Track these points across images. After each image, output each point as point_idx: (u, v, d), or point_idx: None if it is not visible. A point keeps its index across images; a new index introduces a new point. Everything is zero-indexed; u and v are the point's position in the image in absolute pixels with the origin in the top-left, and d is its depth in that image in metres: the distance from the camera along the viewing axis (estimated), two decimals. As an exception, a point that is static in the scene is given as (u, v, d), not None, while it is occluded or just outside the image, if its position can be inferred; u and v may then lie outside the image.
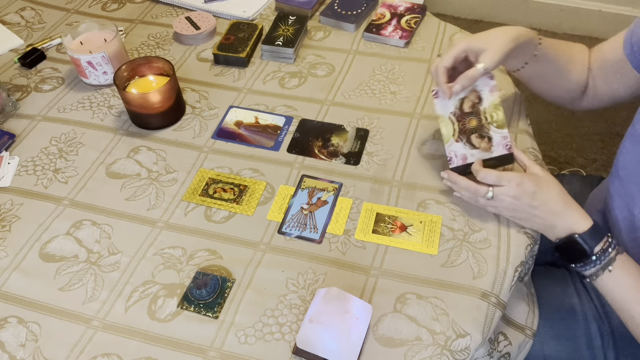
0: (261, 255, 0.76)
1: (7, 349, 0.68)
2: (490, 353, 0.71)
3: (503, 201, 0.73)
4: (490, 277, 0.72)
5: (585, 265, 0.71)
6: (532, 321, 0.80)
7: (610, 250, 0.70)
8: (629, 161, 0.77)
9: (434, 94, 0.79)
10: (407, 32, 1.08)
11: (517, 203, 0.72)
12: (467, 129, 0.78)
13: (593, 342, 0.81)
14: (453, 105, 0.78)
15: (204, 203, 0.82)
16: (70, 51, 0.97)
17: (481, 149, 0.78)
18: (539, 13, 2.25)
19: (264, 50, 1.05)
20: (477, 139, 0.78)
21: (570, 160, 1.82)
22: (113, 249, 0.78)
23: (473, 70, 0.73)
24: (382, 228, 0.78)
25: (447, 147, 0.79)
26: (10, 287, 0.74)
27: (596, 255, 0.70)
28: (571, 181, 1.03)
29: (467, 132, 0.78)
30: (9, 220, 0.82)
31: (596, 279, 0.71)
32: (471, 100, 0.78)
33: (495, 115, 0.77)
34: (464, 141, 0.78)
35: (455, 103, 0.78)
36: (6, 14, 1.20)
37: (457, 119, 0.78)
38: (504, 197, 0.73)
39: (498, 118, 0.77)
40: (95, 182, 0.86)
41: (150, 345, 0.68)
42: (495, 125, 0.77)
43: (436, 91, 0.79)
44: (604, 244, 0.70)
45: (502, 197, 0.73)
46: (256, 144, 0.91)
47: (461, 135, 0.78)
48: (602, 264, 0.70)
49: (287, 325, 0.69)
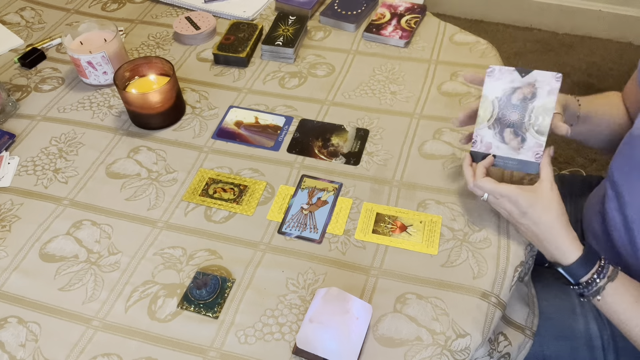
0: (261, 255, 0.76)
1: (7, 349, 0.68)
2: (490, 353, 0.71)
3: (497, 207, 0.74)
4: (490, 277, 0.72)
5: (588, 286, 0.69)
6: (532, 321, 0.80)
7: (599, 280, 0.68)
8: (622, 163, 0.77)
9: (489, 70, 0.73)
10: (407, 32, 1.08)
11: (508, 216, 0.73)
12: (505, 120, 0.73)
13: (593, 342, 0.81)
14: (502, 90, 0.72)
15: (204, 203, 0.82)
16: (70, 51, 0.97)
17: (510, 146, 0.73)
18: (538, 13, 2.25)
19: (264, 50, 1.05)
20: (510, 134, 0.73)
21: (570, 160, 1.82)
22: (113, 249, 0.78)
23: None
24: (382, 228, 0.78)
25: (477, 128, 0.74)
26: (10, 287, 0.74)
27: (581, 285, 0.70)
28: (571, 181, 1.03)
29: (504, 124, 0.73)
30: (9, 220, 0.82)
31: (597, 295, 0.70)
32: (524, 93, 0.71)
33: (541, 118, 0.71)
34: (496, 130, 0.73)
35: (506, 88, 0.72)
36: (6, 14, 1.20)
37: (500, 105, 0.73)
38: (497, 206, 0.74)
39: (543, 123, 0.71)
40: (95, 182, 0.86)
41: (150, 345, 0.68)
42: (536, 130, 0.71)
43: (492, 69, 0.73)
44: (593, 274, 0.69)
45: (496, 205, 0.73)
46: (256, 144, 0.91)
47: (496, 124, 0.73)
48: (590, 292, 0.69)
49: (287, 325, 0.69)
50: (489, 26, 2.33)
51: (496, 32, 2.28)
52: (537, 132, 0.72)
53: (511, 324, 0.77)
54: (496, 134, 0.74)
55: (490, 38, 0.94)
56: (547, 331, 0.82)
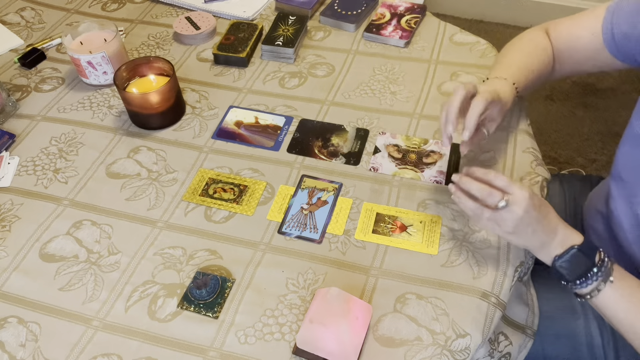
0: (261, 255, 0.76)
1: (7, 349, 0.68)
2: (490, 353, 0.71)
3: (513, 212, 0.67)
4: (490, 277, 0.72)
5: (587, 279, 0.67)
6: (533, 321, 0.80)
7: (607, 260, 0.67)
8: (630, 162, 0.77)
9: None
10: (407, 32, 1.08)
11: (527, 216, 0.67)
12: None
13: (593, 341, 0.81)
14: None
15: (204, 203, 0.82)
16: (70, 51, 0.97)
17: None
18: (538, 13, 2.25)
19: (264, 50, 1.05)
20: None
21: (570, 160, 1.82)
22: (113, 249, 0.78)
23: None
24: (382, 228, 0.78)
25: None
26: (10, 287, 0.74)
27: (597, 265, 0.67)
28: (571, 181, 1.03)
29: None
30: (9, 220, 0.82)
31: (598, 293, 0.68)
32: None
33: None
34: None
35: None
36: (6, 14, 1.20)
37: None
38: (513, 206, 0.67)
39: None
40: (95, 182, 0.86)
41: (150, 345, 0.68)
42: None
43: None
44: (601, 254, 0.68)
45: (512, 206, 0.67)
46: (256, 144, 0.91)
47: None
48: (603, 274, 0.67)
49: (287, 325, 0.69)
50: (489, 26, 2.33)
51: (496, 32, 2.28)
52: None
53: (511, 323, 0.77)
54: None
55: (490, 38, 0.94)
56: (548, 330, 0.82)
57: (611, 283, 0.67)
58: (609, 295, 0.67)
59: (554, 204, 0.99)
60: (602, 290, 0.67)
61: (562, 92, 2.02)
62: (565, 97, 2.01)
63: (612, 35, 0.78)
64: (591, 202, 0.93)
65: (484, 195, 0.68)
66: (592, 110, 1.96)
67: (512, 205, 0.67)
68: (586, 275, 0.68)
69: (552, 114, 1.95)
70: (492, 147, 0.87)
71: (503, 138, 0.88)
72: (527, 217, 0.68)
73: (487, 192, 0.67)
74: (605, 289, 0.67)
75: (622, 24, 0.77)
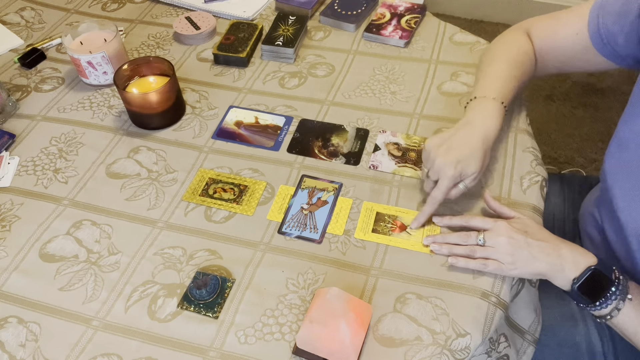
0: (261, 255, 0.76)
1: (7, 349, 0.68)
2: (488, 352, 0.71)
3: (499, 244, 0.69)
4: (490, 277, 0.72)
5: (607, 299, 0.66)
6: (536, 328, 0.80)
7: (622, 277, 0.66)
8: (613, 165, 0.75)
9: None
10: (407, 32, 1.08)
11: (513, 241, 0.68)
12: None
13: (593, 347, 0.81)
14: None
15: (204, 203, 0.82)
16: (70, 51, 0.97)
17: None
18: (538, 13, 2.23)
19: (264, 50, 1.05)
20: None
21: (570, 160, 1.82)
22: (113, 249, 0.78)
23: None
24: (382, 227, 0.78)
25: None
26: (10, 287, 0.74)
27: (615, 283, 0.66)
28: (571, 181, 1.03)
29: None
30: (9, 220, 0.82)
31: (618, 313, 0.66)
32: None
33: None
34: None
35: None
36: (6, 14, 1.20)
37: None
38: (497, 238, 0.69)
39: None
40: (95, 182, 0.86)
41: (150, 345, 0.68)
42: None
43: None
44: (616, 272, 0.67)
45: (495, 238, 0.69)
46: (256, 144, 0.91)
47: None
48: (622, 293, 0.66)
49: (287, 325, 0.69)
50: (489, 26, 2.33)
51: (496, 32, 2.26)
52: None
53: (514, 326, 0.77)
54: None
55: (490, 38, 0.94)
56: (548, 337, 0.81)
57: (630, 300, 0.66)
58: (629, 313, 0.66)
59: (554, 204, 0.99)
60: (621, 310, 0.66)
61: (562, 92, 2.02)
62: (565, 97, 2.01)
63: (599, 35, 0.76)
64: (585, 206, 0.92)
65: (464, 240, 0.72)
66: (592, 110, 1.96)
67: (494, 237, 0.70)
68: (605, 295, 0.66)
69: (552, 114, 1.95)
70: (492, 147, 0.87)
71: (503, 138, 0.88)
72: (514, 242, 0.69)
73: (465, 236, 0.72)
74: (624, 308, 0.66)
75: (609, 24, 0.75)
